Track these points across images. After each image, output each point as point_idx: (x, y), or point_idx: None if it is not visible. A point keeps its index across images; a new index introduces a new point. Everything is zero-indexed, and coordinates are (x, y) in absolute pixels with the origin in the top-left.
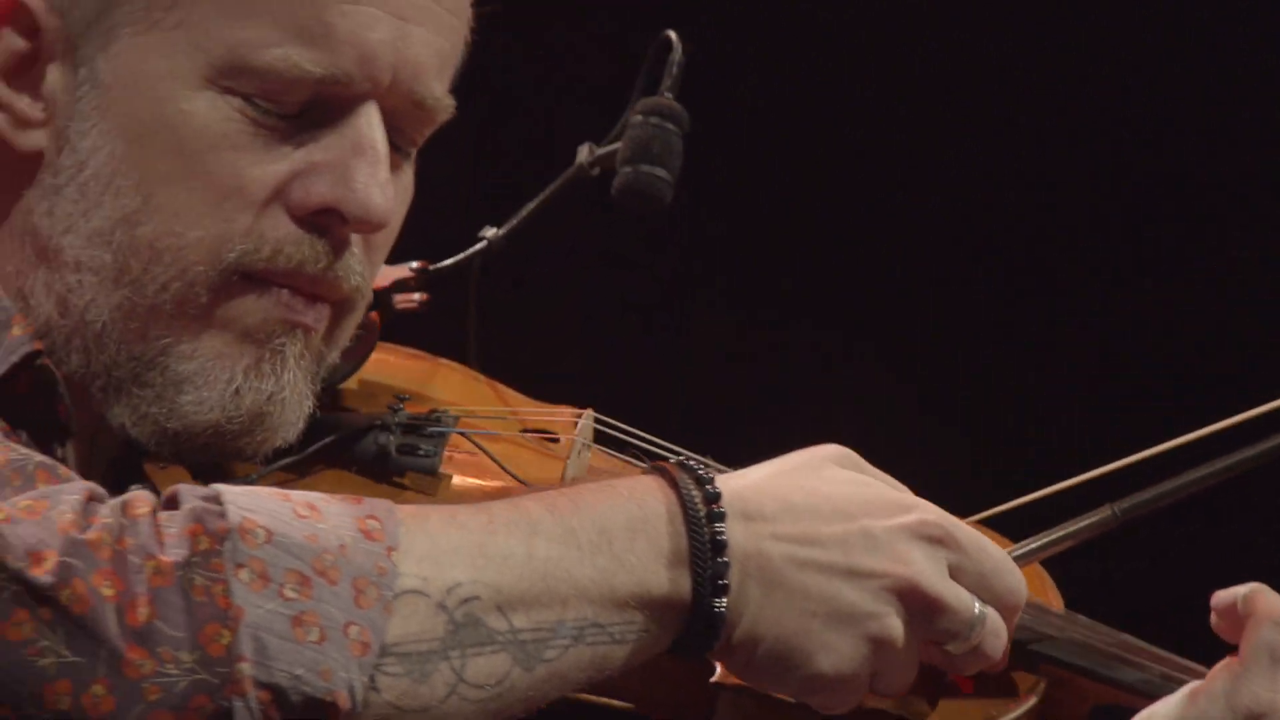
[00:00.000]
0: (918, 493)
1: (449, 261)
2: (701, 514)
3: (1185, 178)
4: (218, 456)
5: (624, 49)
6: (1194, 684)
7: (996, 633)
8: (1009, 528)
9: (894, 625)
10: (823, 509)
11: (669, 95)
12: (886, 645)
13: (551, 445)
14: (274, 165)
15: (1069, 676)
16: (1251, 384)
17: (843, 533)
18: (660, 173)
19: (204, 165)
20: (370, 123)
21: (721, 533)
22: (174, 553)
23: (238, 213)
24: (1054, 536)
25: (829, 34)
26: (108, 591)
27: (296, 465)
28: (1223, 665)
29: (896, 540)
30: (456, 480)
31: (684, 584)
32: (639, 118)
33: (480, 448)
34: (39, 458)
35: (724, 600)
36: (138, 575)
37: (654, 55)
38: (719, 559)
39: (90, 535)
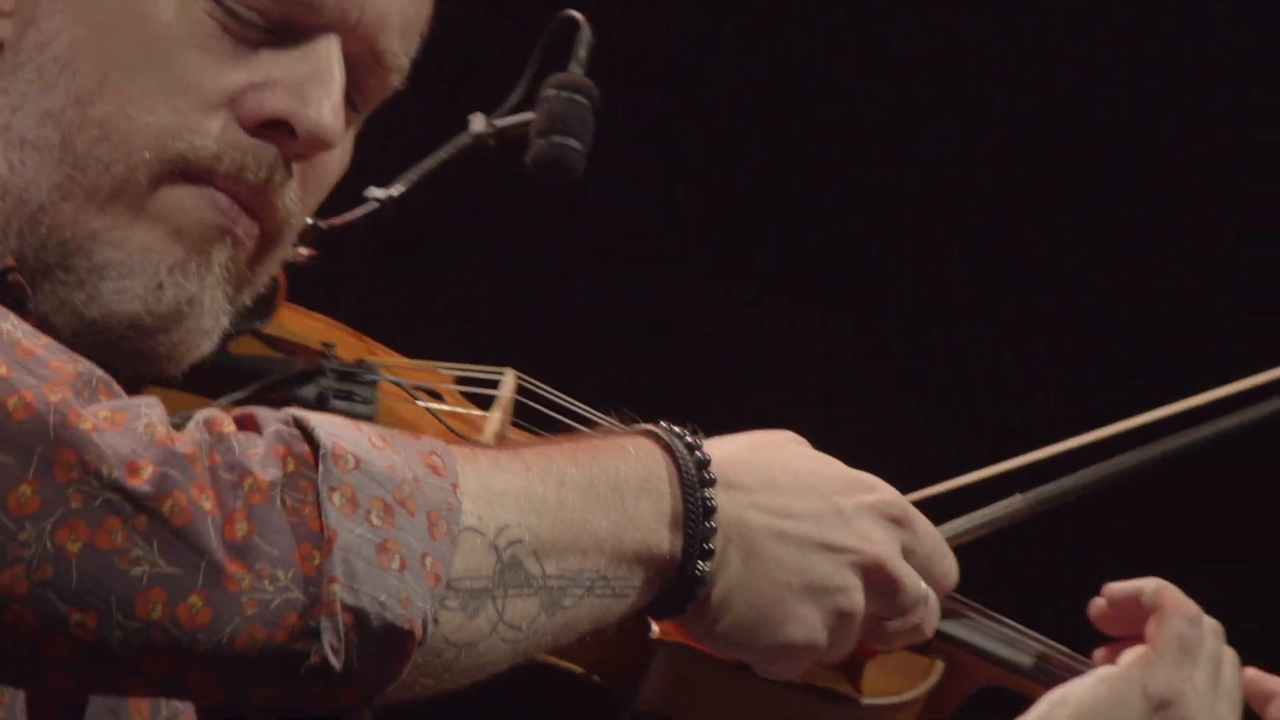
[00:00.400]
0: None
1: (339, 220)
2: (695, 478)
3: (1124, 176)
4: (131, 356)
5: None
6: (1106, 669)
7: (934, 612)
8: (944, 511)
9: (859, 600)
10: (796, 484)
11: (579, 71)
12: (848, 618)
13: (476, 404)
14: (234, 72)
15: (963, 657)
16: (1168, 383)
17: (816, 508)
18: (574, 144)
19: (166, 57)
20: (331, 54)
21: (711, 498)
22: (269, 472)
23: (191, 109)
24: (967, 525)
25: (802, 9)
26: (207, 505)
27: (240, 403)
28: (1134, 654)
29: (863, 518)
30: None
31: (677, 545)
32: (553, 91)
33: (414, 397)
34: (100, 371)
35: (709, 564)
36: (234, 492)
37: (555, 33)
38: (708, 523)
39: (186, 449)
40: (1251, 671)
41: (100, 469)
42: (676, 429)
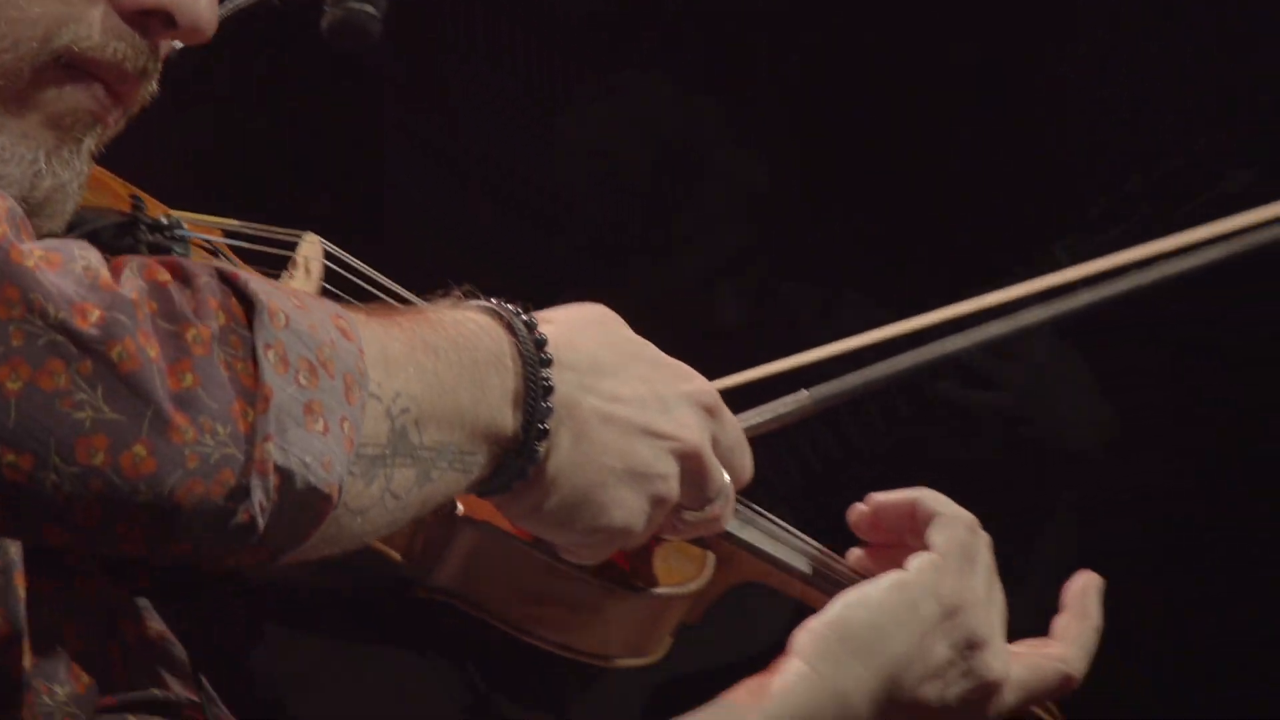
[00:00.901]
0: None
1: None
2: (535, 357)
3: None
4: None
5: None
6: (898, 574)
7: (730, 504)
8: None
9: (675, 487)
10: (622, 367)
11: None
12: (663, 505)
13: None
14: None
15: (735, 552)
16: (946, 288)
17: (640, 393)
18: (370, 9)
19: None
20: None
21: (549, 378)
22: (209, 324)
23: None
24: (756, 419)
25: None
26: (152, 353)
27: None
28: (924, 560)
29: (682, 405)
30: None
31: (517, 424)
32: None
33: (231, 259)
34: (20, 209)
35: (543, 444)
36: (176, 341)
37: None
38: (545, 403)
39: (131, 294)
40: None
41: (46, 308)
42: (512, 306)
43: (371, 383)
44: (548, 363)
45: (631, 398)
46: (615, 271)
